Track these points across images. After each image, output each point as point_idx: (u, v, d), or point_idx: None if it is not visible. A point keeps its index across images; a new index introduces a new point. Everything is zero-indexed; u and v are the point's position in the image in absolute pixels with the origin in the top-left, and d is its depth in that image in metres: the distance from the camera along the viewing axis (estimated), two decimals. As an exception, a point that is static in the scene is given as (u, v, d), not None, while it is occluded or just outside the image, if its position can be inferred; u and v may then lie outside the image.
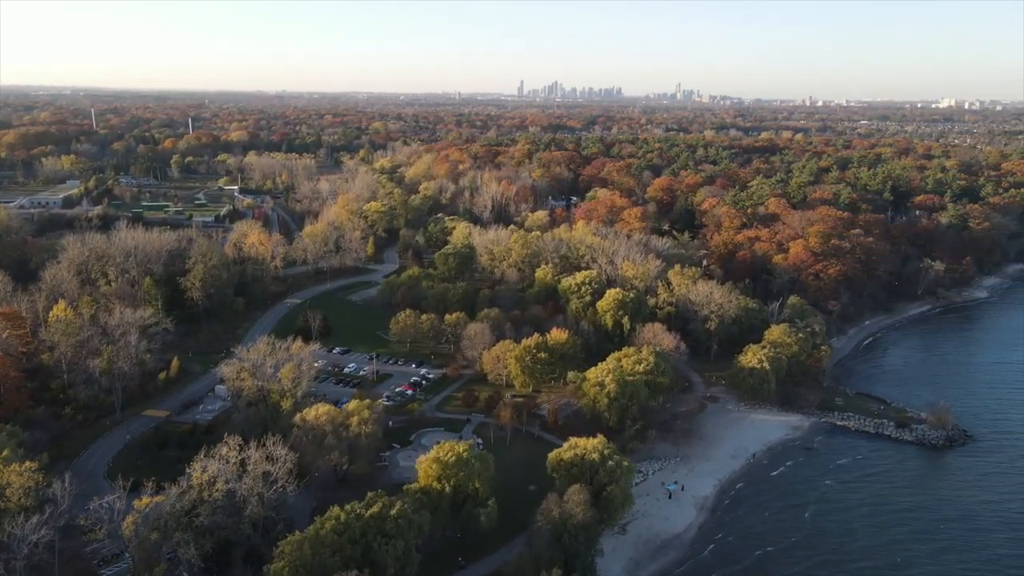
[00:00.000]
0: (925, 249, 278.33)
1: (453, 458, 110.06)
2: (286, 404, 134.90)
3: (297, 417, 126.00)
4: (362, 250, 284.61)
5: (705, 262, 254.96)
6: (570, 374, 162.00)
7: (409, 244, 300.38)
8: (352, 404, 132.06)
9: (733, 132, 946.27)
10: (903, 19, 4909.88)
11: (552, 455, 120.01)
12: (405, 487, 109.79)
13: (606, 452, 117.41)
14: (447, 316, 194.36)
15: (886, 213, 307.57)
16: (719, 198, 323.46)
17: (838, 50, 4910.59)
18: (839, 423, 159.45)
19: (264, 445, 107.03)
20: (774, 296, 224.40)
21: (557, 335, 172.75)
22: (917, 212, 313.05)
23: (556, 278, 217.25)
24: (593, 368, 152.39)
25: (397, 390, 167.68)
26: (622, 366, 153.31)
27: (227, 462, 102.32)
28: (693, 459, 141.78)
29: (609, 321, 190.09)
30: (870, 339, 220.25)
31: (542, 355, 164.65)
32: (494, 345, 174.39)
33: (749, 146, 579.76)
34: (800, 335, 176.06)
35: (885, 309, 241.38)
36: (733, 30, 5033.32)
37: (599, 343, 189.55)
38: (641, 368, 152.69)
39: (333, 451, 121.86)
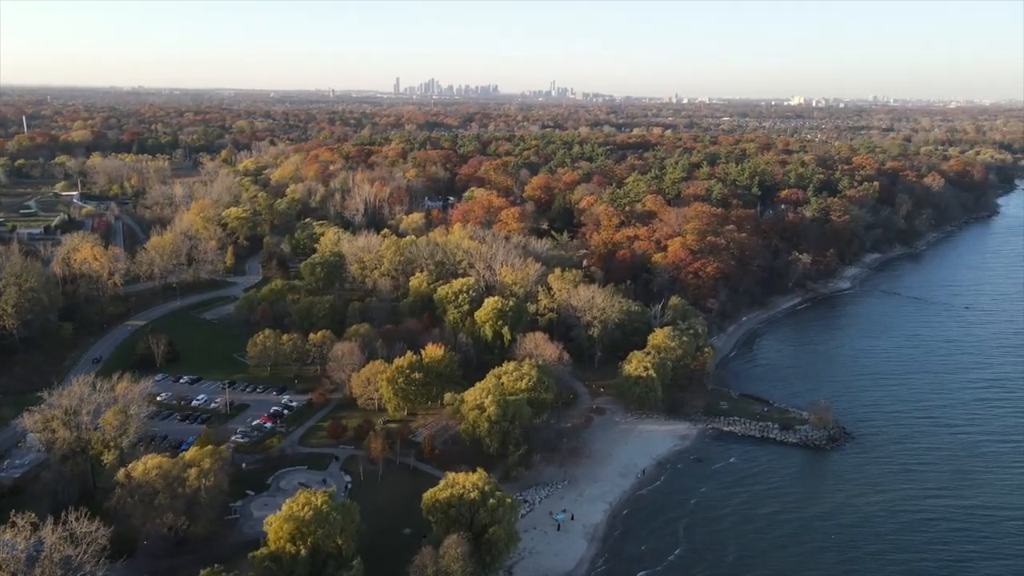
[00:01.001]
0: (792, 242, 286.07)
1: (310, 513, 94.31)
2: (108, 457, 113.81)
3: (121, 473, 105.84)
4: (219, 261, 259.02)
5: (585, 262, 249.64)
6: (447, 396, 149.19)
7: (273, 253, 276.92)
8: (191, 452, 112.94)
9: (607, 128, 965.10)
10: (759, 20, 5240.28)
11: (427, 495, 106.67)
12: (251, 555, 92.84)
13: (487, 488, 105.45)
14: (311, 335, 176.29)
15: (755, 208, 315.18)
16: (596, 196, 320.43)
17: (700, 50, 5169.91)
18: (726, 428, 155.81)
19: (66, 520, 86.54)
20: (655, 296, 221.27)
21: (433, 352, 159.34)
22: (783, 206, 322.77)
23: (432, 287, 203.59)
24: (471, 389, 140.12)
25: (254, 424, 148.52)
26: (503, 384, 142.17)
27: (13, 549, 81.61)
28: (582, 481, 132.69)
29: (488, 332, 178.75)
30: (748, 335, 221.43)
31: (416, 375, 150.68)
32: (364, 366, 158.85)
33: (623, 142, 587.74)
34: (683, 338, 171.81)
35: (760, 304, 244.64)
36: (606, 29, 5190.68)
37: (479, 355, 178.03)
38: (523, 385, 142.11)
39: (167, 512, 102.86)
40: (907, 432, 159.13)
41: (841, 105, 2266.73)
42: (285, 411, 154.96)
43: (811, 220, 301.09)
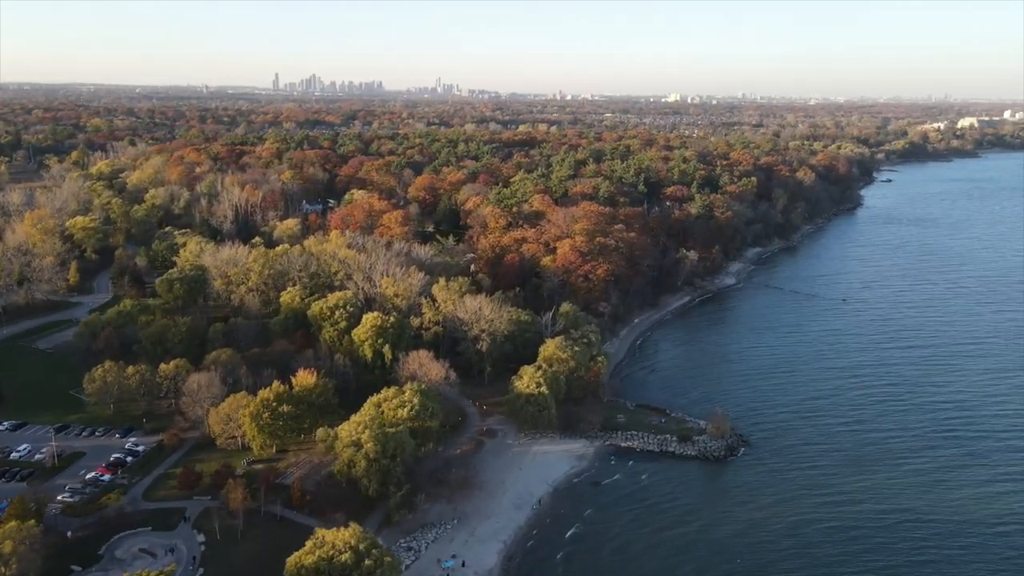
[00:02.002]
0: (680, 240, 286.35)
1: (139, 604, 77.19)
2: None
3: None
4: (60, 279, 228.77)
5: (473, 267, 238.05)
6: (319, 432, 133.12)
7: (126, 267, 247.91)
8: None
9: (493, 125, 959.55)
10: (637, 20, 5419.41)
11: (291, 561, 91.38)
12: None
13: (362, 547, 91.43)
14: (163, 365, 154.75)
15: (642, 205, 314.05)
16: (483, 196, 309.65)
17: (582, 47, 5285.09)
18: (624, 444, 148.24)
19: None
20: (546, 302, 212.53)
21: (304, 379, 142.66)
22: (668, 203, 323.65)
23: (305, 302, 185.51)
24: (346, 423, 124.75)
25: (88, 477, 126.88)
26: (383, 413, 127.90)
27: None
28: (473, 518, 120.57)
29: (368, 351, 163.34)
30: (641, 339, 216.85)
31: (285, 408, 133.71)
32: (225, 398, 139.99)
33: (509, 140, 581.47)
34: (576, 348, 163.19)
35: (651, 304, 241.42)
36: (489, 25, 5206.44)
37: (359, 377, 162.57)
38: (405, 413, 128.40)
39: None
40: (800, 433, 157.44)
41: (714, 102, 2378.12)
42: (129, 458, 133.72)
43: (696, 217, 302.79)
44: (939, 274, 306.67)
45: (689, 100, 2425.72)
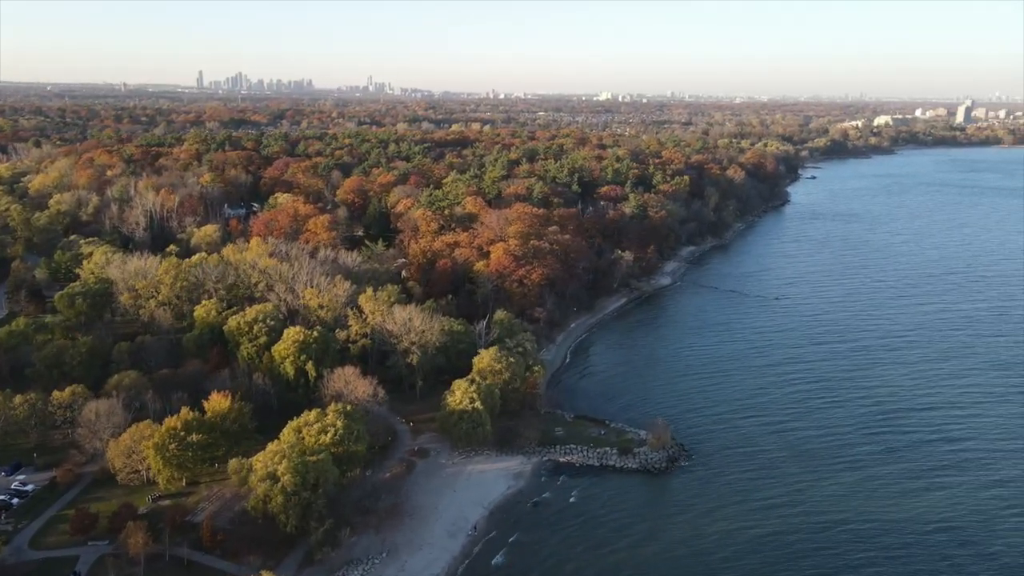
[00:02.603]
0: (615, 240, 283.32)
1: None
2: None
3: None
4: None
5: (404, 273, 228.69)
6: (231, 463, 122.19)
7: (23, 281, 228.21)
8: None
9: (425, 125, 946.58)
10: (566, 21, 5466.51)
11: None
12: None
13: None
14: (57, 392, 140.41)
15: (577, 206, 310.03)
16: (414, 198, 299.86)
17: (518, 47, 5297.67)
18: (563, 459, 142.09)
19: None
20: (480, 309, 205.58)
21: (218, 403, 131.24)
22: (603, 203, 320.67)
23: (222, 316, 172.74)
24: (262, 452, 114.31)
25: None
26: (303, 439, 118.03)
27: None
28: (403, 550, 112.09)
29: (290, 369, 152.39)
30: (578, 344, 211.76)
31: (195, 437, 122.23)
32: (128, 428, 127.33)
33: (441, 139, 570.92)
34: (511, 359, 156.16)
35: (587, 308, 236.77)
36: (422, 24, 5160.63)
37: (281, 397, 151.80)
38: (328, 438, 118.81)
39: None
40: (739, 436, 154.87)
41: (644, 100, 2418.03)
42: (15, 500, 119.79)
43: (631, 217, 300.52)
44: (864, 269, 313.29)
45: (620, 99, 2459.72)
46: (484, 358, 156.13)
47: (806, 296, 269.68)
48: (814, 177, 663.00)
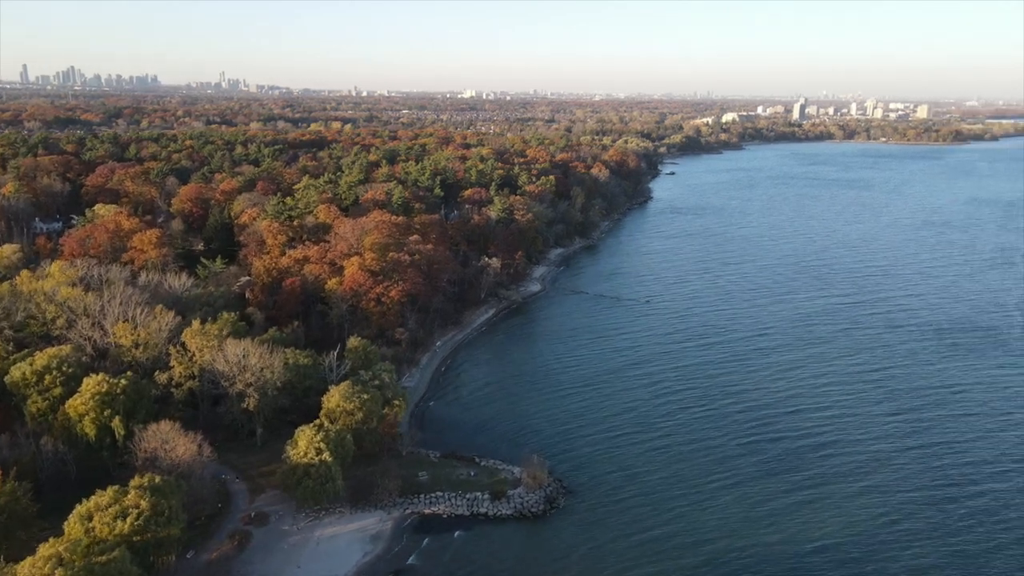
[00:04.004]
0: (480, 246, 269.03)
1: None
2: None
3: None
4: None
5: (249, 294, 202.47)
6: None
7: None
8: None
9: (282, 124, 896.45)
10: (433, 13, 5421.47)
11: None
12: None
13: None
14: None
15: (440, 211, 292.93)
16: (260, 207, 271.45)
17: (384, 45, 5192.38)
18: (428, 511, 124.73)
19: None
20: (335, 332, 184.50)
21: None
22: (468, 206, 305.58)
23: (6, 363, 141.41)
24: (30, 559, 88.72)
25: None
26: (93, 530, 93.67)
27: None
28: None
29: (90, 429, 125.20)
30: (445, 365, 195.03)
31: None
32: None
33: (296, 140, 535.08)
34: (365, 396, 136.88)
35: (454, 323, 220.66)
36: (277, 18, 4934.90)
37: (81, 465, 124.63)
38: (127, 525, 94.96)
39: None
40: (617, 462, 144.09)
41: (508, 98, 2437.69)
42: None
43: (497, 221, 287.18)
44: (725, 265, 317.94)
45: (484, 96, 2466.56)
46: (334, 397, 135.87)
47: (674, 296, 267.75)
48: (673, 173, 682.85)
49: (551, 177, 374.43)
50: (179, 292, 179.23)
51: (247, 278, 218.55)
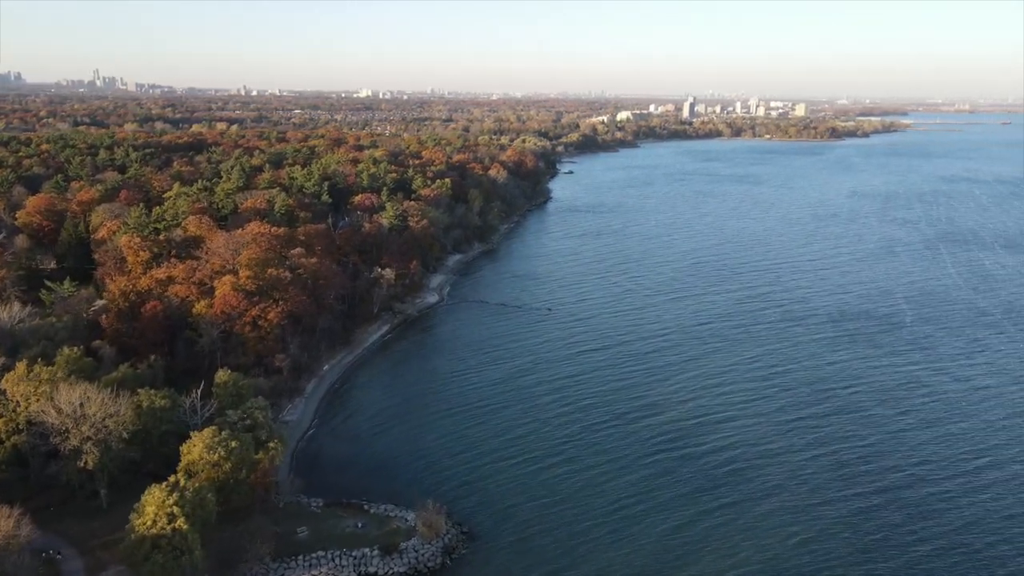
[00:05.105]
0: (373, 257, 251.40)
1: None
2: None
3: None
4: None
5: (104, 322, 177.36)
6: None
7: None
8: None
9: (160, 125, 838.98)
10: (326, 17, 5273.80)
11: None
12: None
13: None
14: None
15: (327, 219, 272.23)
16: (122, 219, 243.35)
17: (275, 41, 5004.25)
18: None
19: None
20: (206, 362, 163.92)
21: None
22: (359, 213, 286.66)
23: None
24: None
25: None
26: None
27: None
28: None
29: None
30: (333, 392, 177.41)
31: None
32: None
33: (171, 143, 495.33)
34: (233, 442, 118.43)
35: (344, 343, 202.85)
36: (157, 11, 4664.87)
37: None
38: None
39: None
40: (523, 495, 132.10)
41: (405, 97, 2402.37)
42: None
43: (390, 229, 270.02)
44: (624, 264, 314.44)
45: (381, 95, 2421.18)
46: (196, 446, 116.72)
47: (576, 300, 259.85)
48: (571, 172, 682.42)
49: (447, 180, 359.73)
50: (9, 324, 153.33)
51: (102, 302, 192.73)
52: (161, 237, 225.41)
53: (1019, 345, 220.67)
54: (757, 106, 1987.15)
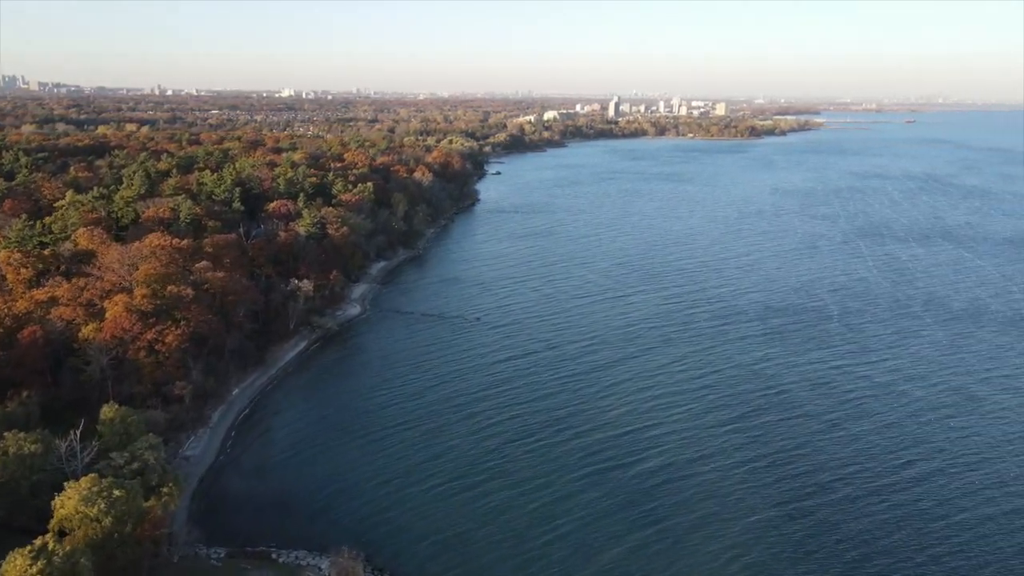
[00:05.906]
0: (289, 268, 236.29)
1: None
2: None
3: None
4: None
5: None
6: None
7: None
8: None
9: (62, 126, 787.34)
10: (246, 15, 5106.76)
11: None
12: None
13: None
14: None
15: (239, 228, 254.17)
16: (2, 233, 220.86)
17: (195, 40, 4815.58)
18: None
19: None
20: (95, 394, 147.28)
21: None
22: (275, 221, 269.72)
23: None
24: None
25: None
26: None
27: None
28: None
29: None
30: (243, 420, 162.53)
31: None
32: None
33: (70, 146, 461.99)
34: (117, 492, 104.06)
35: (256, 363, 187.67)
36: (63, 7, 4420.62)
37: None
38: None
39: None
40: (453, 529, 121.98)
41: (329, 97, 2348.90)
42: None
43: (308, 237, 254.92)
44: (553, 266, 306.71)
45: (304, 95, 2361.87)
46: (71, 499, 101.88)
47: (504, 307, 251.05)
48: (499, 173, 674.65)
49: (370, 184, 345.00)
50: None
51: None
52: (47, 252, 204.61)
53: (939, 334, 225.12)
54: (679, 106, 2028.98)
